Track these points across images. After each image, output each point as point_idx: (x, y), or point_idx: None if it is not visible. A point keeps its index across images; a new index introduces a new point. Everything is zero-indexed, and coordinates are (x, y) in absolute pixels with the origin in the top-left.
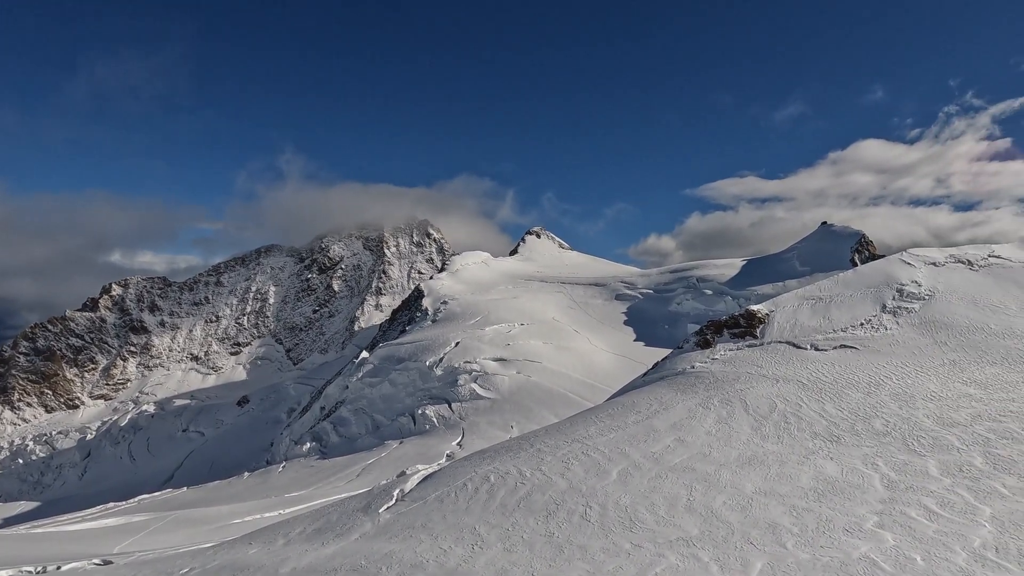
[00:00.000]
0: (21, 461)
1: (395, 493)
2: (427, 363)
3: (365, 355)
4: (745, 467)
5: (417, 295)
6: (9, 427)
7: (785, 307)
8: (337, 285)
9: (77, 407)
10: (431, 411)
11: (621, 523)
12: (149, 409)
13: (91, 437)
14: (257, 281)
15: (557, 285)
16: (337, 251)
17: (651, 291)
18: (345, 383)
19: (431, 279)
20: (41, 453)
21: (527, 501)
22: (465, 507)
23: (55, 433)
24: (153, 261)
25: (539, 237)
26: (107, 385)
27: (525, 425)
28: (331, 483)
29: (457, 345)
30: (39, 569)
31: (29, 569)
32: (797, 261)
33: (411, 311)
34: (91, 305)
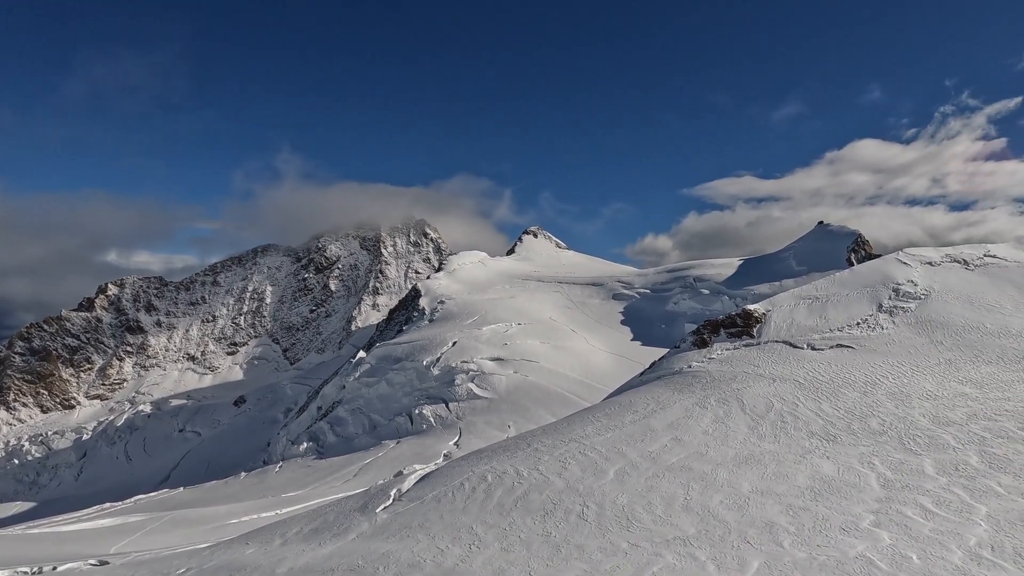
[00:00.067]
0: (17, 461)
1: (392, 493)
2: (424, 363)
3: (362, 355)
4: (742, 466)
5: (414, 295)
6: (5, 427)
7: (782, 307)
8: (334, 285)
9: (73, 407)
10: (428, 411)
11: (618, 522)
12: (145, 409)
13: (87, 437)
14: (254, 281)
15: (554, 285)
16: (334, 251)
17: (648, 291)
18: (342, 383)
19: (428, 279)
20: (37, 453)
21: (524, 501)
22: (462, 507)
23: (51, 433)
24: (149, 261)
25: (536, 237)
26: (103, 385)
27: (522, 425)
28: (328, 483)
29: (454, 345)
30: (35, 570)
31: (25, 570)
32: (794, 261)
33: (408, 311)
34: (87, 305)
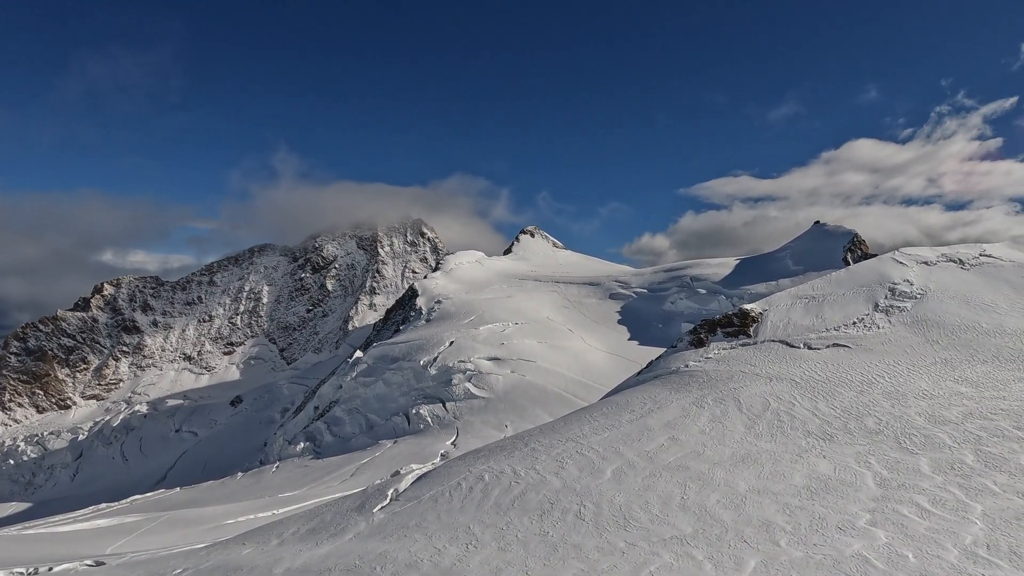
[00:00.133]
0: (12, 462)
1: (389, 493)
2: (421, 362)
3: (359, 354)
4: (739, 465)
5: (411, 294)
6: (0, 428)
7: (778, 306)
8: (331, 284)
9: (69, 407)
10: (425, 410)
11: (615, 522)
12: (142, 409)
13: (83, 438)
14: (250, 280)
15: (551, 284)
16: (331, 250)
17: (645, 290)
18: (339, 383)
19: (425, 278)
20: (33, 454)
21: (521, 500)
22: (459, 506)
23: (47, 434)
24: (145, 260)
25: (533, 236)
26: (99, 385)
27: (519, 424)
28: (325, 483)
29: (451, 344)
30: (31, 570)
31: (21, 571)
32: (790, 260)
33: (405, 310)
34: (83, 305)
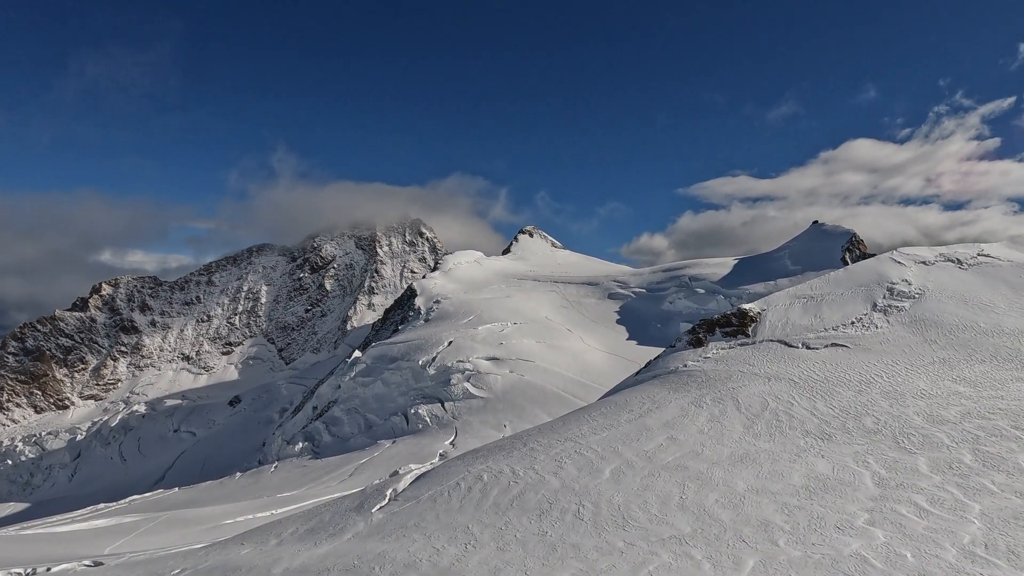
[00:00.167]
0: (10, 462)
1: (388, 493)
2: (420, 362)
3: (358, 354)
4: (737, 465)
5: (410, 294)
6: None
7: (777, 306)
8: (329, 284)
9: (67, 407)
10: (424, 410)
11: (614, 521)
12: (140, 409)
13: (81, 438)
14: (249, 280)
15: (550, 284)
16: (329, 250)
17: (644, 290)
18: (337, 382)
19: (424, 278)
20: (31, 454)
21: (520, 500)
22: (458, 506)
23: (45, 434)
24: (144, 260)
25: (532, 236)
26: (97, 385)
27: (518, 424)
28: (324, 483)
29: (450, 344)
30: (29, 571)
31: (19, 571)
32: (789, 260)
33: (404, 310)
34: (81, 305)
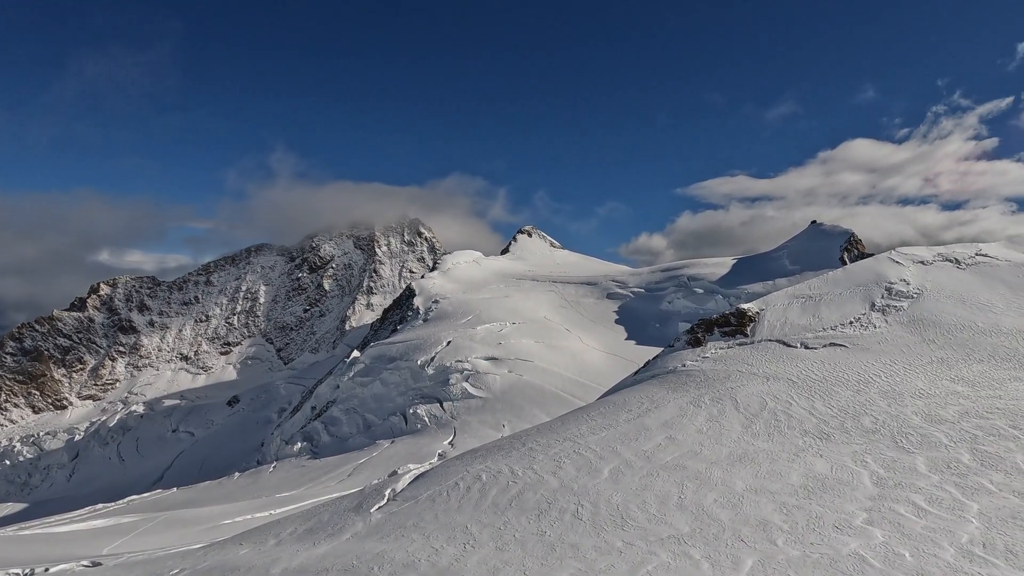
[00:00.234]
0: (8, 462)
1: (387, 493)
2: (418, 362)
3: (356, 354)
4: (736, 465)
5: (408, 294)
6: None
7: (775, 305)
8: (328, 284)
9: (65, 408)
10: (423, 410)
11: (613, 521)
12: (138, 409)
13: (79, 438)
14: (247, 280)
15: (549, 284)
16: (328, 250)
17: (642, 290)
18: (336, 382)
19: (422, 278)
20: (29, 454)
21: (519, 500)
22: (457, 506)
23: (43, 434)
24: (142, 260)
25: (530, 236)
26: (95, 385)
27: (517, 424)
28: (322, 483)
29: (448, 344)
30: (27, 571)
31: (17, 571)
32: (787, 260)
33: (402, 310)
34: (79, 305)
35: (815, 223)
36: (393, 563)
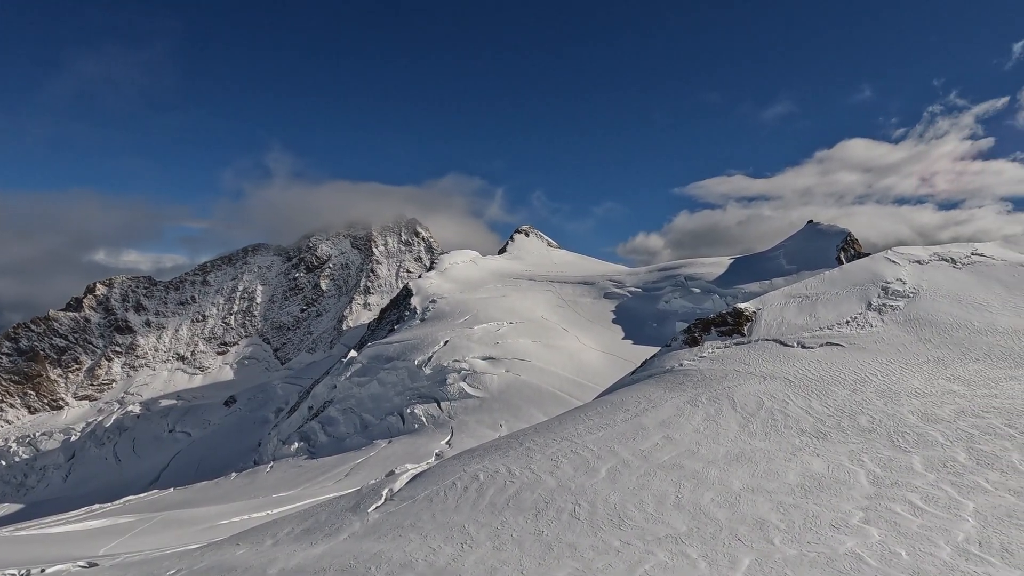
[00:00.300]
0: (4, 463)
1: (384, 492)
2: (416, 362)
3: (353, 354)
4: (733, 464)
5: (405, 294)
6: None
7: (772, 305)
8: (325, 284)
9: (61, 408)
10: (420, 410)
11: (610, 521)
12: (135, 410)
13: (75, 438)
14: (244, 280)
15: (546, 284)
16: (325, 250)
17: (639, 289)
18: (333, 382)
19: (419, 278)
20: (24, 455)
21: (516, 499)
22: (454, 506)
23: (39, 434)
24: (138, 260)
25: (528, 236)
26: (92, 386)
27: (514, 424)
28: (319, 483)
29: (446, 344)
30: (23, 572)
31: (13, 572)
32: (784, 259)
33: (399, 310)
34: (75, 305)
35: (812, 223)
36: (390, 563)
